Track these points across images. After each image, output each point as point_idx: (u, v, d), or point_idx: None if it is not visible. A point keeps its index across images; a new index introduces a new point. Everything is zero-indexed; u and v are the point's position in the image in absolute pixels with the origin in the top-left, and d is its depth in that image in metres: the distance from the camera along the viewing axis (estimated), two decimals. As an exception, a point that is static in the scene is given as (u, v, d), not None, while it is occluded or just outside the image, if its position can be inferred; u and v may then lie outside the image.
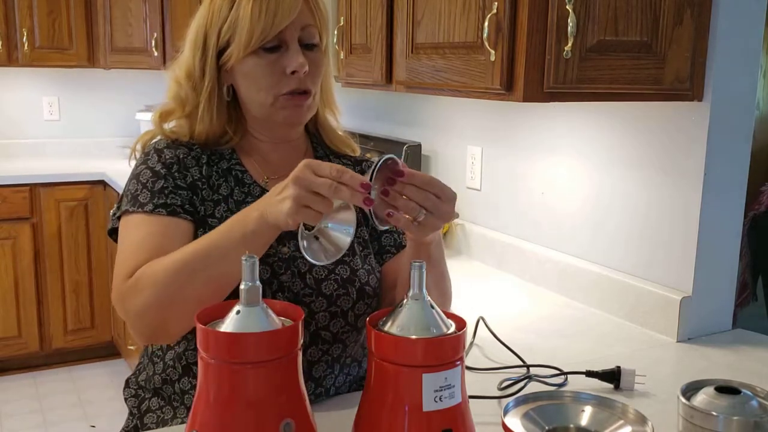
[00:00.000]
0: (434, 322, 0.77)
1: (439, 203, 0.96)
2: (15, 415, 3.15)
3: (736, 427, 0.86)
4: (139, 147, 1.21)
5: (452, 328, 0.78)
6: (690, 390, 0.93)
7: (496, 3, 1.26)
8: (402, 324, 0.76)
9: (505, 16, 1.25)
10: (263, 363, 0.75)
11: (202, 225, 1.11)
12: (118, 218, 1.13)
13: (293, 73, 1.10)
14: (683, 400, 0.90)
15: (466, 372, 0.81)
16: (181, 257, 1.00)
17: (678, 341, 1.46)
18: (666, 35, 1.30)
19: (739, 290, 1.94)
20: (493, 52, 1.28)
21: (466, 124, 2.10)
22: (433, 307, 0.78)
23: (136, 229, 1.09)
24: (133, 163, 1.19)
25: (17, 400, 3.27)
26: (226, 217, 1.10)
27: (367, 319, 0.80)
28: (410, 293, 0.78)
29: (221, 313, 0.78)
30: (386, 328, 0.77)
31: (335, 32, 1.96)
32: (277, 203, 0.92)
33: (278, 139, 1.21)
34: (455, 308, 0.81)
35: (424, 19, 1.50)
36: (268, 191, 1.09)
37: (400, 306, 0.79)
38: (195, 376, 1.09)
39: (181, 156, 1.15)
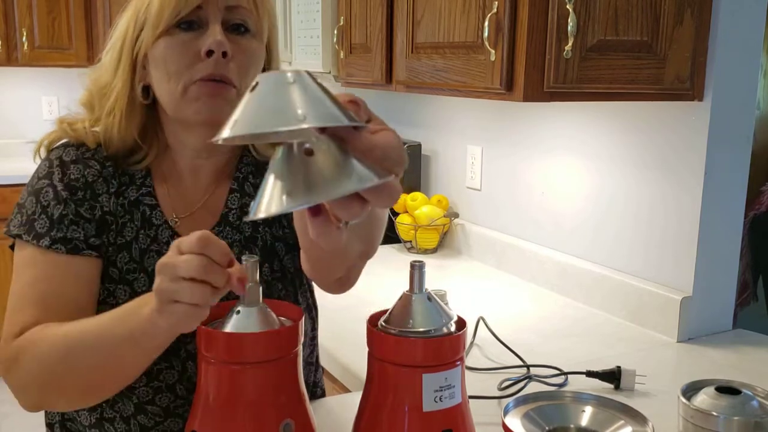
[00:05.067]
0: (435, 321, 0.76)
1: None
2: (13, 416, 3.14)
3: (737, 428, 0.86)
4: (43, 151, 1.02)
5: (453, 327, 0.77)
6: (690, 390, 0.93)
7: (496, 2, 1.26)
8: (402, 324, 0.76)
9: (505, 15, 1.25)
10: (263, 363, 0.75)
11: (106, 267, 0.96)
12: (13, 236, 0.96)
13: (209, 54, 0.89)
14: (684, 400, 0.90)
15: (467, 372, 0.80)
16: (65, 341, 0.84)
17: (678, 341, 1.45)
18: (666, 35, 1.30)
19: (739, 290, 1.94)
20: (493, 51, 1.27)
21: (467, 124, 2.10)
22: (433, 304, 0.78)
23: (28, 270, 0.93)
24: (38, 161, 1.01)
25: (16, 401, 3.26)
26: (128, 270, 0.96)
27: (367, 318, 0.80)
28: (410, 292, 0.78)
29: (221, 313, 0.78)
30: (386, 328, 0.77)
31: (335, 32, 1.96)
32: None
33: (200, 152, 1.00)
34: (455, 308, 0.81)
35: (424, 19, 1.50)
36: (179, 235, 0.97)
37: (399, 304, 0.78)
38: None
39: (89, 179, 0.96)
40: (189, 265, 0.69)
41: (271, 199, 0.52)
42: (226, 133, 0.52)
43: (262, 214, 0.52)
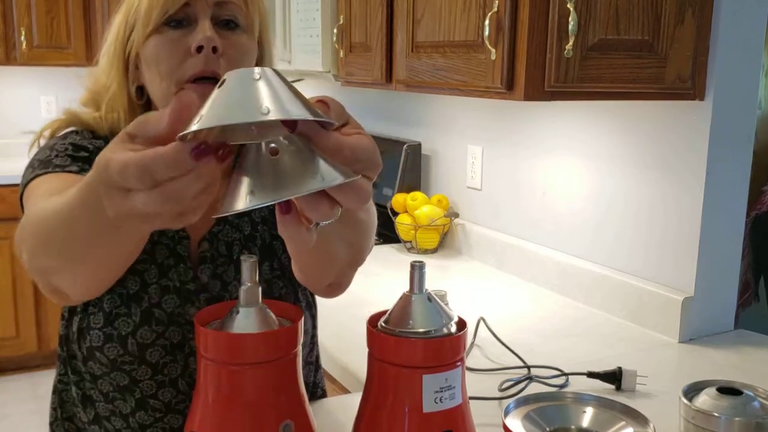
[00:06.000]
0: (435, 321, 0.76)
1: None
2: (13, 416, 3.14)
3: (738, 428, 0.86)
4: (47, 134, 1.00)
5: (453, 327, 0.77)
6: (692, 391, 0.92)
7: (496, 1, 1.25)
8: (402, 324, 0.76)
9: (505, 14, 1.24)
10: (262, 364, 0.74)
11: None
12: (25, 184, 0.90)
13: (199, 50, 0.88)
14: (685, 401, 0.90)
15: (467, 373, 0.80)
16: (52, 213, 0.71)
17: (680, 342, 1.45)
18: (668, 34, 1.29)
19: (741, 290, 1.93)
20: (493, 50, 1.27)
21: (467, 124, 2.10)
22: (433, 304, 0.78)
23: (50, 185, 0.85)
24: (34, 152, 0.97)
25: (15, 401, 3.26)
26: (138, 260, 0.93)
27: (367, 319, 0.80)
28: (410, 292, 0.77)
29: (220, 314, 0.78)
30: (385, 329, 0.77)
31: (335, 31, 1.96)
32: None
33: None
34: (456, 309, 0.80)
35: (424, 18, 1.49)
36: (183, 234, 0.98)
37: (399, 305, 0.78)
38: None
39: None
40: (127, 172, 0.53)
41: (236, 197, 0.53)
42: (193, 127, 0.52)
43: (225, 212, 0.53)
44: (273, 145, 0.54)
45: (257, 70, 0.54)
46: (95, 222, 0.65)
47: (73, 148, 0.94)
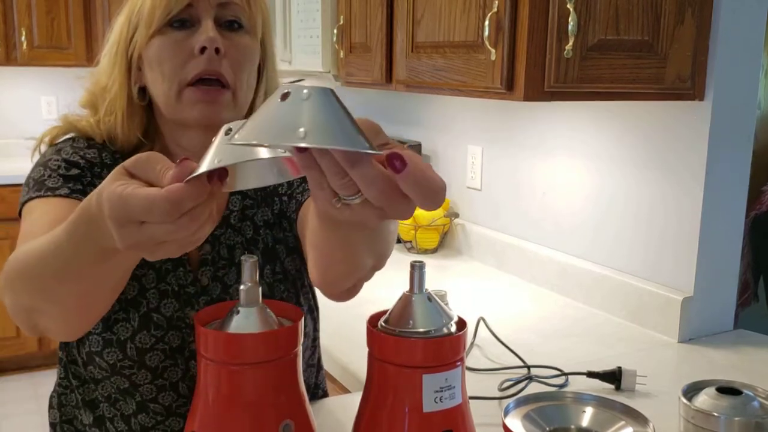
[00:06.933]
0: (435, 321, 0.76)
1: (398, 201, 0.55)
2: (13, 416, 3.14)
3: (738, 428, 0.86)
4: (43, 147, 1.00)
5: (453, 327, 0.77)
6: (691, 391, 0.92)
7: (496, 2, 1.26)
8: (402, 324, 0.76)
9: (505, 14, 1.24)
10: (262, 364, 0.74)
11: None
12: (23, 204, 0.92)
13: (202, 51, 0.89)
14: (684, 400, 0.90)
15: (467, 373, 0.80)
16: (36, 255, 0.73)
17: (679, 342, 1.45)
18: (667, 34, 1.29)
19: (740, 290, 1.93)
20: (493, 51, 1.27)
21: (467, 124, 2.10)
22: (433, 304, 0.78)
23: (41, 211, 0.87)
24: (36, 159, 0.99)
25: (16, 401, 3.26)
26: (137, 266, 0.89)
27: (367, 319, 0.80)
28: (410, 292, 0.77)
29: (220, 314, 0.78)
30: (385, 329, 0.77)
31: (335, 31, 1.96)
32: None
33: (196, 154, 0.95)
34: (456, 309, 0.80)
35: (424, 18, 1.49)
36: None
37: (399, 305, 0.78)
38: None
39: (108, 161, 0.96)
40: (171, 233, 0.58)
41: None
42: (203, 168, 0.58)
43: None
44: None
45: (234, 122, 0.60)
46: (80, 256, 0.68)
47: (65, 166, 0.94)
